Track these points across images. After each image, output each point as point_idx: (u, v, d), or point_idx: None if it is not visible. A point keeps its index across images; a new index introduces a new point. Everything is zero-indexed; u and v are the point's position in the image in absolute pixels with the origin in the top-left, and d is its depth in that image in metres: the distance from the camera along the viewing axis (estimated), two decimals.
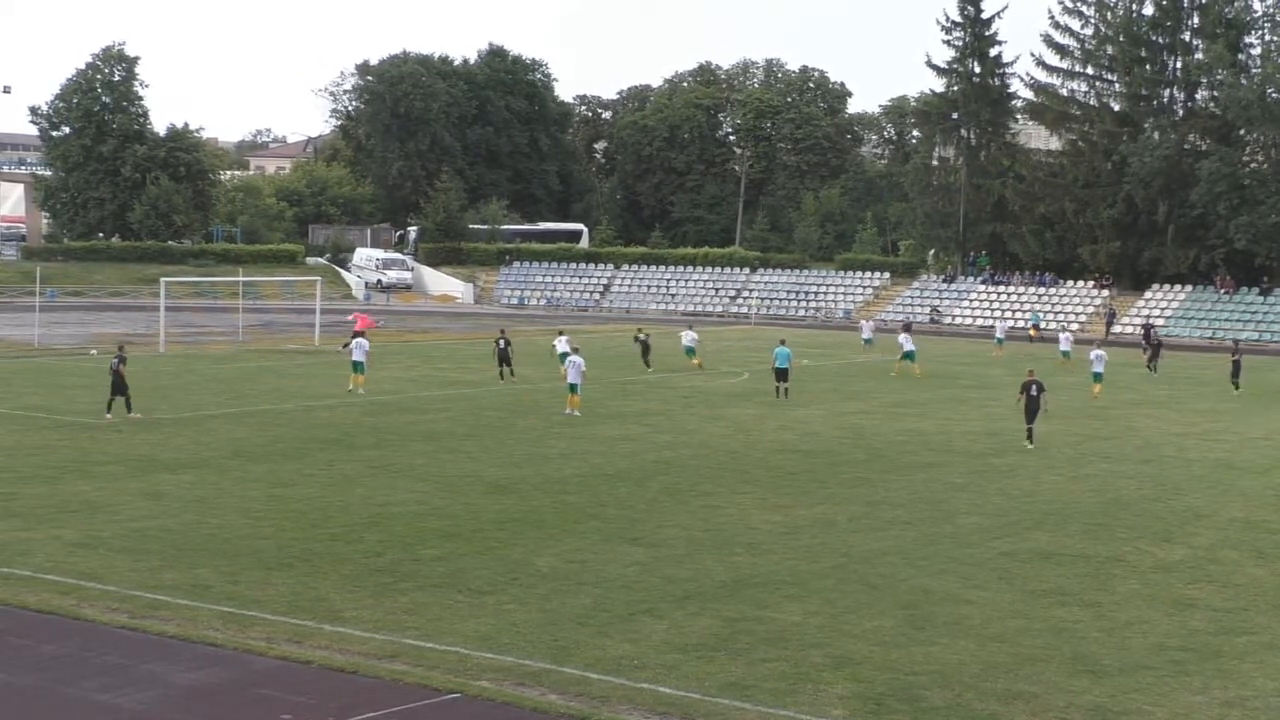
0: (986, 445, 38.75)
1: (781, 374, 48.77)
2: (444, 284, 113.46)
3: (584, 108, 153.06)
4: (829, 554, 24.87)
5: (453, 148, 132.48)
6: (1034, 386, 39.28)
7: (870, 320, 75.41)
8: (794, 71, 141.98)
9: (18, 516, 26.22)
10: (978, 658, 19.00)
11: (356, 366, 47.78)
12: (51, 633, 19.32)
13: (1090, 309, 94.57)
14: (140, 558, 23.27)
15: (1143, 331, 75.90)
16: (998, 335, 74.11)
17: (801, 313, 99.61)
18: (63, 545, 24.00)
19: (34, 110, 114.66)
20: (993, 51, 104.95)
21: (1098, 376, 52.08)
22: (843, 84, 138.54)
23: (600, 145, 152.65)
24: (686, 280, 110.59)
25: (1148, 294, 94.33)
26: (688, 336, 60.09)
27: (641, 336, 58.11)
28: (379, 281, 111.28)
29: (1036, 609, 21.57)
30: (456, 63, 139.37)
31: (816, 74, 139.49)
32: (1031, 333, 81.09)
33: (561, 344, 53.67)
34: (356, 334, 53.55)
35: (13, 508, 27.01)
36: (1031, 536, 26.80)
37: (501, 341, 52.93)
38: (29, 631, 19.37)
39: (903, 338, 60.50)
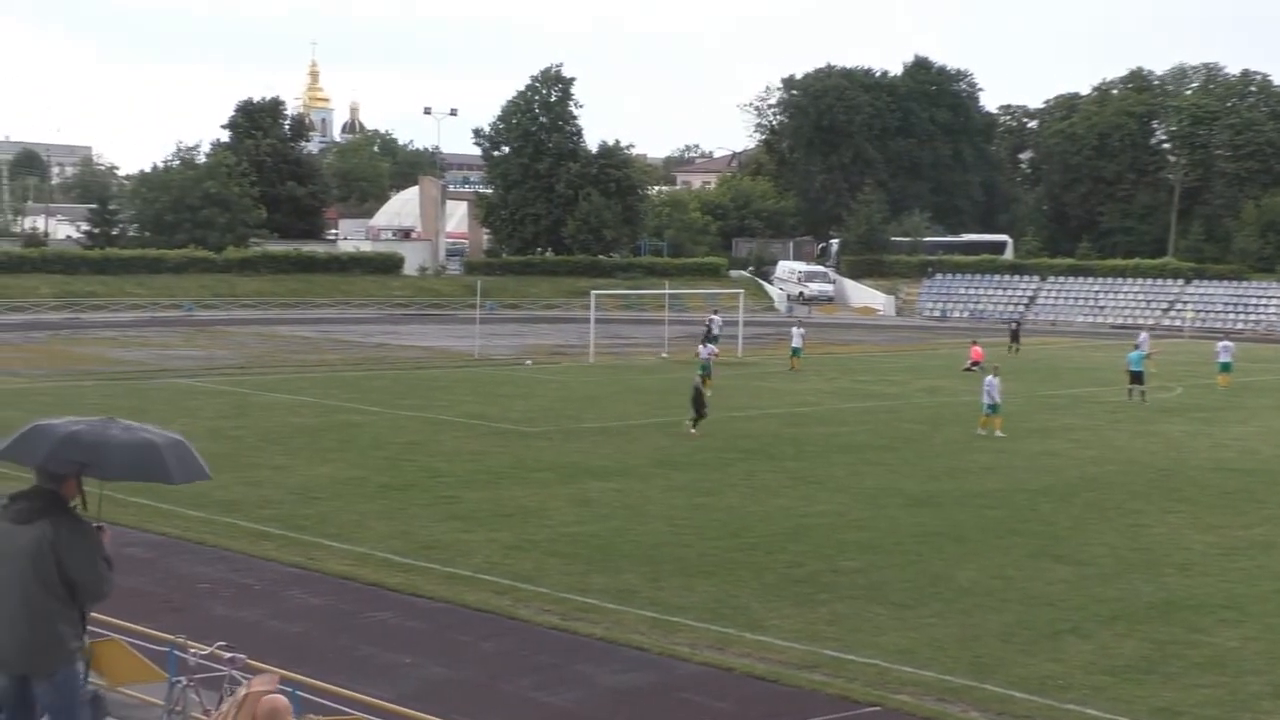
0: None
1: (1136, 376, 49.49)
2: (865, 296, 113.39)
3: (1008, 117, 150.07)
4: (1269, 578, 23.62)
5: (875, 160, 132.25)
6: None
7: (1147, 333, 68.85)
8: (1234, 76, 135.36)
9: (460, 519, 27.58)
10: None
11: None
12: (490, 630, 20.23)
13: None
14: (569, 561, 24.13)
15: None
16: None
17: (1240, 325, 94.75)
18: (500, 547, 25.09)
19: (477, 132, 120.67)
20: None
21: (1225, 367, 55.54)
22: None
23: (1025, 155, 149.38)
24: (1116, 292, 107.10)
25: None
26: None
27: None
28: (801, 294, 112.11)
29: None
30: (879, 75, 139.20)
31: (1259, 78, 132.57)
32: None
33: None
34: (975, 363, 56.90)
35: (456, 510, 28.42)
36: None
37: None
38: (469, 628, 20.36)
39: (1221, 346, 56.93)
